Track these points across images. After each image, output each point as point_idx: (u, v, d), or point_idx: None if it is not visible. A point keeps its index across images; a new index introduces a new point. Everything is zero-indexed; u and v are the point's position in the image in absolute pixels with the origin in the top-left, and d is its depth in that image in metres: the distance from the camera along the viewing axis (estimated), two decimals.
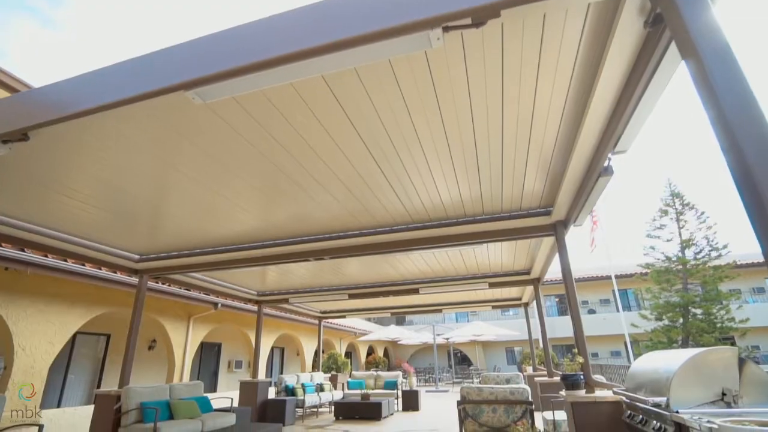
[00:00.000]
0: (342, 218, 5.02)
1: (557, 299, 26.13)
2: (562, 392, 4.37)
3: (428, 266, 7.70)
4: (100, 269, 7.14)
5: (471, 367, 24.96)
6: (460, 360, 28.06)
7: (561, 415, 5.70)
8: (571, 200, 4.44)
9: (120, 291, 8.09)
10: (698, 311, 17.04)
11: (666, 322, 17.54)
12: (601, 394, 4.06)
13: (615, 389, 4.01)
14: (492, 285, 8.79)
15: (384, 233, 5.38)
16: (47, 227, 5.12)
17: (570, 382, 4.21)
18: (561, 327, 21.41)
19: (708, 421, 2.34)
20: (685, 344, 16.64)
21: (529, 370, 12.12)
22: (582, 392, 4.17)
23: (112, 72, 2.59)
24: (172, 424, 5.53)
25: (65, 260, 6.57)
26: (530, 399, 4.62)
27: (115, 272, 7.37)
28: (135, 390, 5.86)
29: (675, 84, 2.37)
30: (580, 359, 4.32)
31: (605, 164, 3.42)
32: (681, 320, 17.20)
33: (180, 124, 3.00)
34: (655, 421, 2.99)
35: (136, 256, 6.47)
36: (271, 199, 4.44)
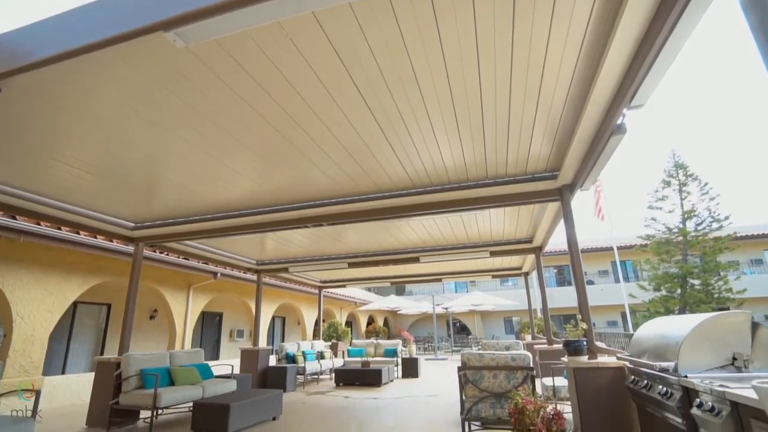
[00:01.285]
0: (341, 183, 4.84)
1: (556, 270, 26.29)
2: (564, 358, 4.32)
3: (429, 234, 7.58)
4: (95, 237, 7.03)
5: (470, 336, 25.39)
6: (459, 329, 28.52)
7: (561, 382, 5.73)
8: (579, 163, 4.24)
9: (117, 260, 8.02)
10: (696, 282, 17.13)
11: (664, 292, 17.68)
12: (603, 359, 4.01)
13: (619, 355, 3.96)
14: (493, 254, 8.70)
15: (384, 198, 5.21)
16: (38, 194, 4.96)
17: (572, 348, 4.16)
18: (560, 297, 21.61)
19: (720, 386, 2.25)
20: (682, 314, 16.80)
21: (528, 338, 12.24)
22: (584, 358, 4.12)
23: (83, 13, 2.36)
24: (172, 390, 5.55)
25: (59, 228, 6.44)
26: (531, 365, 4.58)
27: (111, 241, 7.26)
28: (135, 357, 5.86)
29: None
30: (584, 325, 4.25)
31: (618, 121, 3.21)
32: (679, 291, 17.33)
33: (168, 78, 2.77)
34: (661, 386, 2.91)
35: (131, 224, 6.33)
36: (267, 161, 4.24)
